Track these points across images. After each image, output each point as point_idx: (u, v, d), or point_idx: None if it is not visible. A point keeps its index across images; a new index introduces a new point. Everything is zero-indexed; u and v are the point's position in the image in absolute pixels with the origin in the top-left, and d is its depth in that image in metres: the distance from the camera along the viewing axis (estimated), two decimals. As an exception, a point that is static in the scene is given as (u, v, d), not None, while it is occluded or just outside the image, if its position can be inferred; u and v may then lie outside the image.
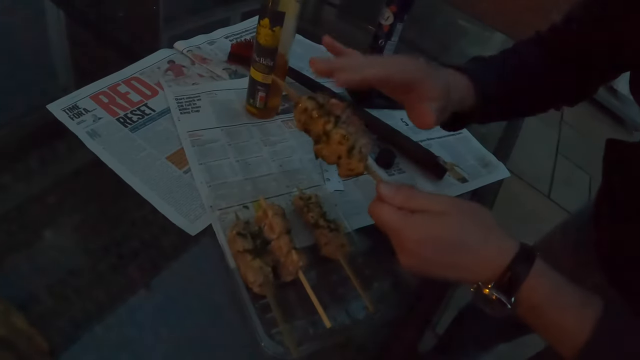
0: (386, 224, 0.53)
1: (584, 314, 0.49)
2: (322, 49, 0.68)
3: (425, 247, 0.51)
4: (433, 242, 0.51)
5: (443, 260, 0.51)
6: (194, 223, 0.71)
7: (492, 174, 1.00)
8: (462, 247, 0.51)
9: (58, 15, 1.12)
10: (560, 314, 0.50)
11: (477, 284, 0.51)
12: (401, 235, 0.52)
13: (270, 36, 0.80)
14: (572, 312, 0.49)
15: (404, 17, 1.22)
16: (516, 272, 0.49)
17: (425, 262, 0.52)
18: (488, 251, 0.51)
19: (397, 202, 0.53)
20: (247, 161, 0.83)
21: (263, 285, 0.63)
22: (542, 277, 0.50)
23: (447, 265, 0.51)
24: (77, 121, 0.81)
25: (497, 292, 0.50)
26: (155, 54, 1.02)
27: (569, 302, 0.50)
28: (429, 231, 0.51)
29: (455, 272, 0.52)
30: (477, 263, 0.51)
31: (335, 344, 0.64)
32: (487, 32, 1.84)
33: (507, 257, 0.50)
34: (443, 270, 0.52)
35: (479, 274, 0.51)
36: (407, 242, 0.52)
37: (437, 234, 0.51)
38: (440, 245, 0.51)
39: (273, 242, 0.68)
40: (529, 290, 0.49)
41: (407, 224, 0.52)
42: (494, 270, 0.50)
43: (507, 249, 0.51)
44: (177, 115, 0.88)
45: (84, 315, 0.58)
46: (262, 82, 0.86)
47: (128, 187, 0.74)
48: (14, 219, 0.66)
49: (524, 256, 0.50)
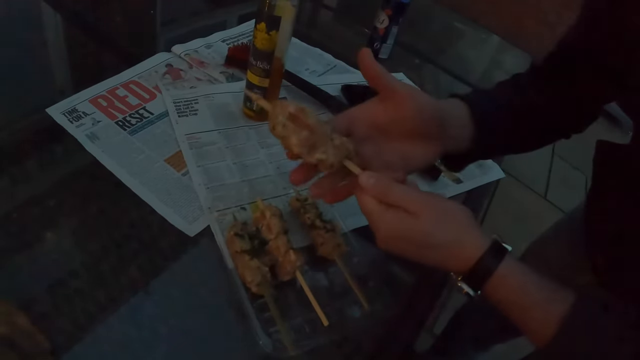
0: (365, 214, 0.55)
1: (549, 311, 0.50)
2: (317, 51, 0.69)
3: (396, 242, 0.53)
4: (402, 240, 0.53)
5: (413, 255, 0.53)
6: (192, 224, 0.72)
7: (487, 175, 1.01)
8: (430, 247, 0.53)
9: (56, 19, 1.13)
10: (523, 312, 0.52)
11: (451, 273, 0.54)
12: (375, 227, 0.54)
13: (267, 40, 0.81)
14: (536, 310, 0.51)
15: (399, 20, 1.24)
16: (484, 267, 0.51)
17: (398, 251, 0.54)
18: (459, 249, 0.52)
19: (375, 195, 0.53)
20: (245, 163, 0.84)
21: (261, 284, 0.64)
22: (509, 275, 0.51)
23: (418, 257, 0.53)
24: (76, 124, 0.82)
25: (465, 285, 0.53)
26: (153, 57, 1.03)
27: (534, 300, 0.51)
28: (399, 230, 0.53)
29: (429, 262, 0.54)
30: (446, 259, 0.53)
31: (331, 342, 0.65)
32: (483, 34, 1.84)
33: (478, 253, 0.51)
34: (417, 259, 0.53)
35: (449, 267, 0.54)
36: (380, 234, 0.53)
37: (407, 235, 0.52)
38: (410, 244, 0.53)
39: (271, 243, 0.69)
40: (494, 286, 0.51)
41: (380, 218, 0.53)
42: (464, 264, 0.52)
43: (478, 247, 0.52)
44: (175, 118, 0.89)
45: (84, 315, 0.59)
46: (259, 85, 0.87)
47: (127, 189, 0.75)
48: (16, 220, 0.67)
49: (493, 253, 0.52)
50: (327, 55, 1.23)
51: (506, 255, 0.52)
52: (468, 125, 0.65)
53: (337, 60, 1.23)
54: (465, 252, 0.52)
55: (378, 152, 0.60)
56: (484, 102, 0.68)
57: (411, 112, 0.58)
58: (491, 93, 0.74)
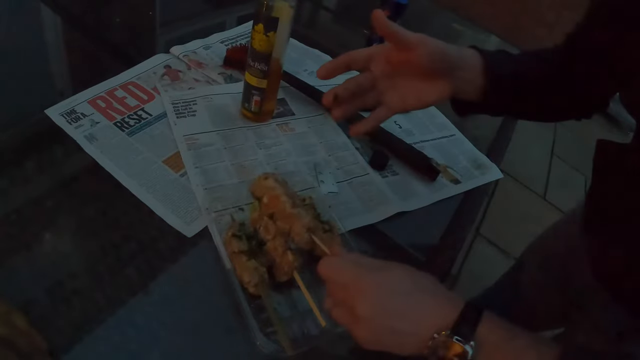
0: (342, 273, 0.54)
1: (542, 351, 0.49)
2: (316, 52, 0.70)
3: (383, 292, 0.52)
4: (389, 287, 0.52)
5: (400, 306, 0.51)
6: (190, 225, 0.73)
7: (485, 176, 1.02)
8: (416, 293, 0.52)
9: (55, 20, 1.13)
10: (519, 354, 0.49)
11: (432, 337, 0.49)
12: (357, 282, 0.53)
13: (265, 41, 0.81)
14: (530, 352, 0.49)
15: (397, 21, 1.23)
16: (470, 316, 0.49)
17: (382, 311, 0.51)
18: (440, 299, 0.52)
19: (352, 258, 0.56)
20: (243, 164, 0.85)
21: (258, 285, 0.64)
22: (495, 322, 0.50)
23: (403, 314, 0.51)
24: (75, 125, 0.82)
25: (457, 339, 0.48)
26: (151, 59, 1.03)
27: (525, 344, 0.49)
28: (384, 278, 0.53)
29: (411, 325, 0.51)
30: (431, 309, 0.51)
31: (328, 344, 0.65)
32: (482, 35, 1.85)
33: (459, 303, 0.50)
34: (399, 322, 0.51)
35: (433, 322, 0.50)
36: (364, 289, 0.52)
37: (392, 280, 0.53)
38: (397, 290, 0.52)
39: (268, 244, 0.69)
40: (484, 333, 0.48)
41: (363, 271, 0.53)
42: (448, 316, 0.49)
43: (455, 299, 0.52)
44: (174, 119, 0.89)
45: (82, 316, 0.59)
46: (257, 87, 0.88)
47: (125, 190, 0.75)
48: (14, 221, 0.67)
49: (472, 306, 0.50)
50: (325, 56, 1.23)
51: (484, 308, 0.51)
52: (478, 78, 0.70)
53: (336, 61, 1.23)
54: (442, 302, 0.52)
55: (394, 86, 0.70)
56: (502, 64, 0.72)
57: (421, 56, 0.65)
58: (514, 57, 0.77)
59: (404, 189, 0.91)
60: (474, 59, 0.70)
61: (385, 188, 0.90)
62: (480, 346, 0.48)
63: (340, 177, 0.88)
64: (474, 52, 0.71)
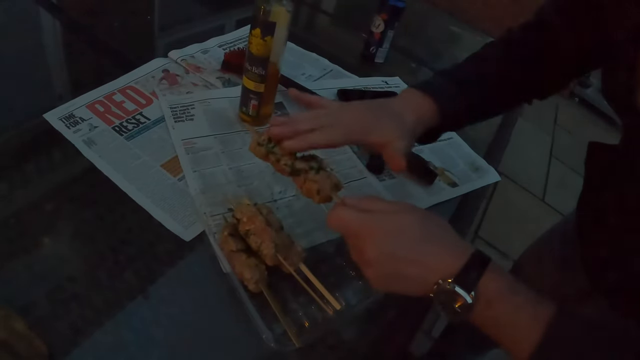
0: (350, 223, 0.55)
1: (538, 311, 0.49)
2: (314, 56, 0.70)
3: (391, 238, 0.53)
4: (398, 233, 0.53)
5: (407, 252, 0.52)
6: (188, 229, 0.73)
7: (483, 178, 1.02)
8: (425, 239, 0.53)
9: (54, 25, 1.14)
10: (514, 310, 0.50)
11: (437, 283, 0.51)
12: (366, 229, 0.54)
13: (262, 46, 0.82)
14: (526, 309, 0.49)
15: (395, 24, 1.24)
16: (475, 266, 0.51)
17: (389, 256, 0.52)
18: (447, 247, 0.53)
19: (362, 205, 0.56)
20: (240, 168, 0.85)
21: (259, 281, 0.65)
22: (498, 274, 0.51)
23: (410, 259, 0.52)
24: (73, 130, 0.83)
25: (458, 286, 0.50)
26: (149, 63, 1.03)
27: (523, 299, 0.50)
28: (393, 223, 0.53)
29: (418, 270, 0.52)
30: (438, 257, 0.52)
31: (325, 345, 0.65)
32: (479, 37, 1.85)
33: (466, 252, 0.51)
34: (406, 267, 0.52)
35: (439, 269, 0.51)
36: (372, 235, 0.53)
37: (402, 226, 0.53)
38: (405, 235, 0.53)
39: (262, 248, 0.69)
40: (486, 284, 0.50)
41: (371, 217, 0.54)
42: (453, 265, 0.51)
43: (463, 247, 0.52)
44: (172, 123, 0.89)
45: (81, 320, 0.59)
46: (255, 91, 0.88)
47: (124, 194, 0.75)
48: (13, 226, 0.68)
49: (479, 255, 0.52)
50: (323, 59, 1.24)
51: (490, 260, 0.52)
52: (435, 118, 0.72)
53: (334, 65, 1.24)
54: (450, 249, 0.52)
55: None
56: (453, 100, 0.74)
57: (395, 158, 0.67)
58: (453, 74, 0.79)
59: (401, 192, 0.92)
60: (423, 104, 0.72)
61: (383, 191, 0.90)
62: (480, 296, 0.50)
63: (338, 180, 0.88)
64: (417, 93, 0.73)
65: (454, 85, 0.75)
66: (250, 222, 0.68)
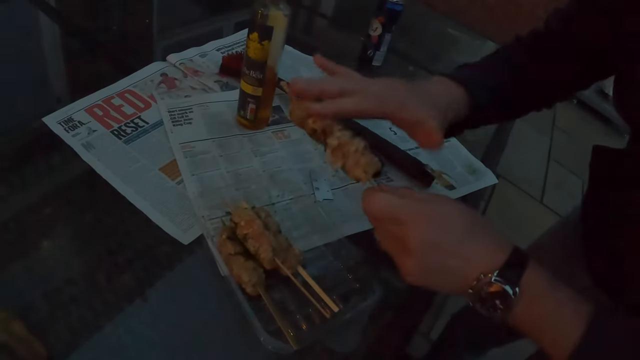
0: (392, 209, 0.52)
1: (579, 308, 0.49)
2: (311, 59, 0.70)
3: (437, 227, 0.51)
4: (444, 222, 0.51)
5: (452, 244, 0.50)
6: (187, 233, 0.73)
7: (480, 181, 1.02)
8: (469, 232, 0.51)
9: (53, 28, 1.14)
10: (558, 306, 0.49)
11: (478, 278, 0.49)
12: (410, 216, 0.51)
13: (260, 50, 0.82)
14: (568, 306, 0.49)
15: (392, 27, 1.25)
16: (517, 262, 0.50)
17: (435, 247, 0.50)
18: (489, 241, 0.51)
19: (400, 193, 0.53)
20: (238, 172, 0.85)
21: (257, 284, 0.65)
22: (539, 271, 0.50)
23: (454, 252, 0.50)
24: (72, 133, 0.83)
25: (502, 280, 0.48)
26: (148, 66, 1.04)
27: (565, 296, 0.49)
28: (438, 212, 0.51)
29: (460, 263, 0.50)
30: (481, 251, 0.51)
31: (324, 347, 0.65)
32: (478, 40, 1.86)
33: (507, 248, 0.51)
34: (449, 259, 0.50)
35: (481, 263, 0.50)
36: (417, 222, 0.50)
37: (447, 216, 0.51)
38: (450, 227, 0.51)
39: (260, 251, 0.69)
40: (529, 280, 0.49)
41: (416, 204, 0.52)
42: (496, 260, 0.49)
43: (504, 242, 0.52)
44: (170, 127, 0.90)
45: (80, 322, 0.60)
46: (252, 95, 0.89)
47: (122, 197, 0.76)
48: (12, 229, 0.68)
49: (519, 251, 0.51)
50: (321, 63, 1.24)
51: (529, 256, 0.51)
52: (464, 108, 0.70)
53: (331, 68, 1.24)
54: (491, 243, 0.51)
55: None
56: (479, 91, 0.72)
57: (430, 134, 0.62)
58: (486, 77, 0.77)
59: (398, 194, 0.92)
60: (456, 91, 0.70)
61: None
62: (523, 292, 0.49)
63: (336, 184, 0.89)
64: (449, 81, 0.71)
65: (483, 79, 0.74)
66: (248, 226, 0.69)
